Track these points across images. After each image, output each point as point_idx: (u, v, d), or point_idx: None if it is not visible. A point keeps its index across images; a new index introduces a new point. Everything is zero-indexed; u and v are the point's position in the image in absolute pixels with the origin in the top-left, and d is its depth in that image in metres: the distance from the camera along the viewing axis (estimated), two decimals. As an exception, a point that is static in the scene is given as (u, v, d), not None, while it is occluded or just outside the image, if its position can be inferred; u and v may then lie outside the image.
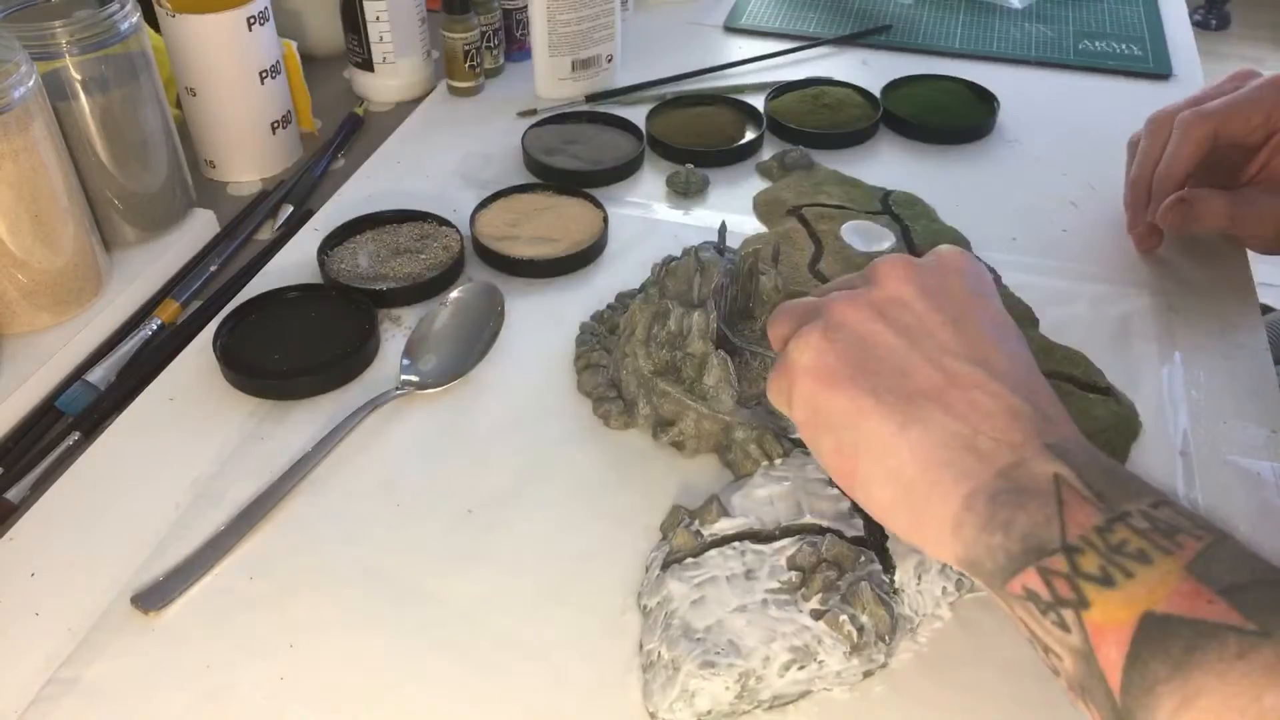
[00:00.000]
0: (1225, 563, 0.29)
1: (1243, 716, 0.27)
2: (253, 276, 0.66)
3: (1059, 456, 0.34)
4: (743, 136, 0.78)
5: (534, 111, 0.82)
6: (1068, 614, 0.30)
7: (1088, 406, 0.54)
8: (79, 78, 0.61)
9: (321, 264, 0.64)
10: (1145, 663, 0.29)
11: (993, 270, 0.62)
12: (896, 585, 0.44)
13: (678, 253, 0.57)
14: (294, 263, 0.66)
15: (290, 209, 0.73)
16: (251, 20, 0.71)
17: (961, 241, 0.67)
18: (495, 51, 0.87)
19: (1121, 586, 0.30)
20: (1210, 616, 0.28)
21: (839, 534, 0.45)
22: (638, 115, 0.79)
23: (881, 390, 0.37)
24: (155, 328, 0.63)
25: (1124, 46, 0.91)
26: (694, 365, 0.53)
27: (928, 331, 0.38)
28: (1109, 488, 0.32)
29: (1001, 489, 0.33)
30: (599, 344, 0.59)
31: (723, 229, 0.57)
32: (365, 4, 0.80)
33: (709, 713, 0.41)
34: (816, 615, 0.42)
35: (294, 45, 0.79)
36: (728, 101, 0.82)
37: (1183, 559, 0.29)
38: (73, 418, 0.58)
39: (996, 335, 0.39)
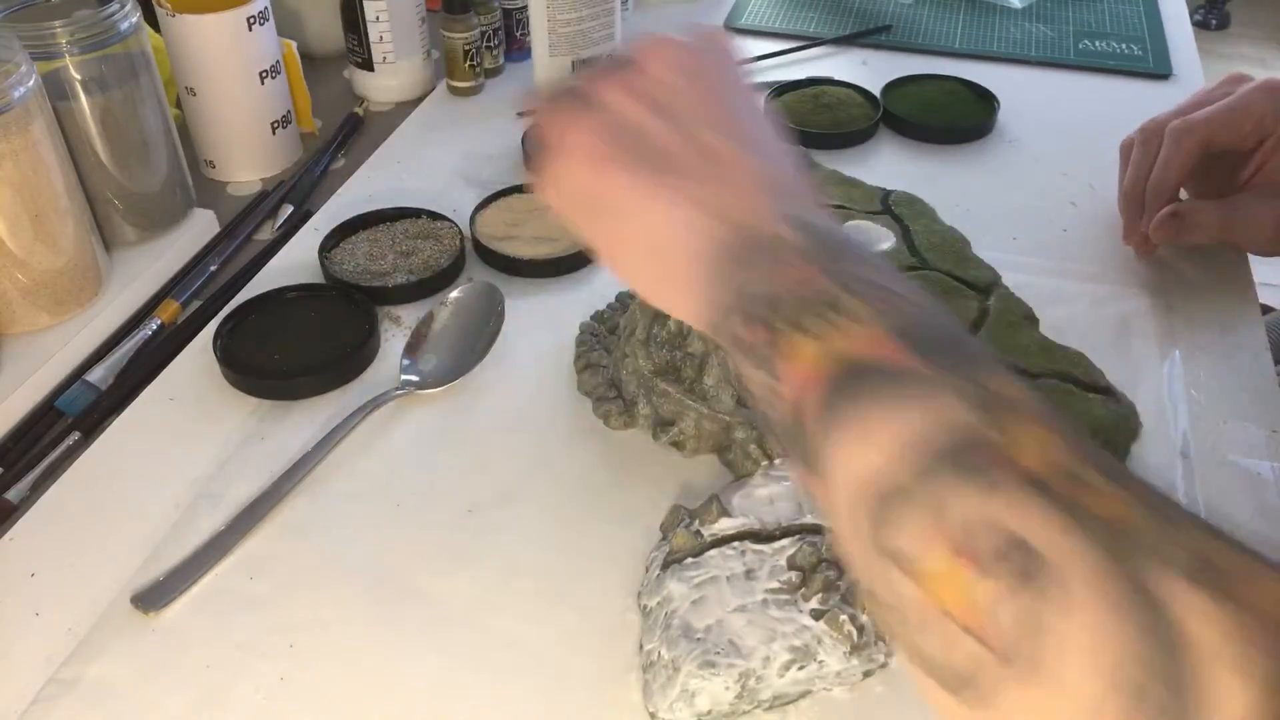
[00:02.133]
0: (923, 325, 0.32)
1: (894, 441, 0.29)
2: (253, 276, 0.66)
3: (795, 225, 0.35)
4: (743, 136, 0.78)
5: (534, 111, 0.82)
6: (775, 360, 0.32)
7: (1088, 406, 0.54)
8: (79, 78, 0.61)
9: (322, 262, 0.64)
10: (832, 401, 0.31)
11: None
12: (896, 585, 0.44)
13: (678, 253, 0.57)
14: (294, 263, 0.66)
15: (290, 209, 0.73)
16: (251, 20, 0.71)
17: (961, 242, 0.67)
18: (495, 51, 0.87)
19: (823, 337, 0.32)
20: (897, 362, 0.30)
21: (839, 534, 0.45)
22: (638, 115, 0.79)
23: (643, 168, 0.38)
24: (155, 328, 0.63)
25: (1124, 46, 0.91)
26: (694, 365, 0.53)
27: (685, 106, 0.40)
28: (833, 255, 0.34)
29: (733, 246, 0.36)
30: (599, 344, 0.59)
31: (723, 229, 0.57)
32: (365, 4, 0.80)
33: (709, 713, 0.41)
34: (816, 615, 0.42)
35: (294, 45, 0.79)
36: (728, 101, 0.82)
37: (889, 319, 0.31)
38: (73, 418, 0.58)
39: (747, 107, 0.41)
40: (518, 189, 0.71)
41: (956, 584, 0.26)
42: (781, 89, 0.83)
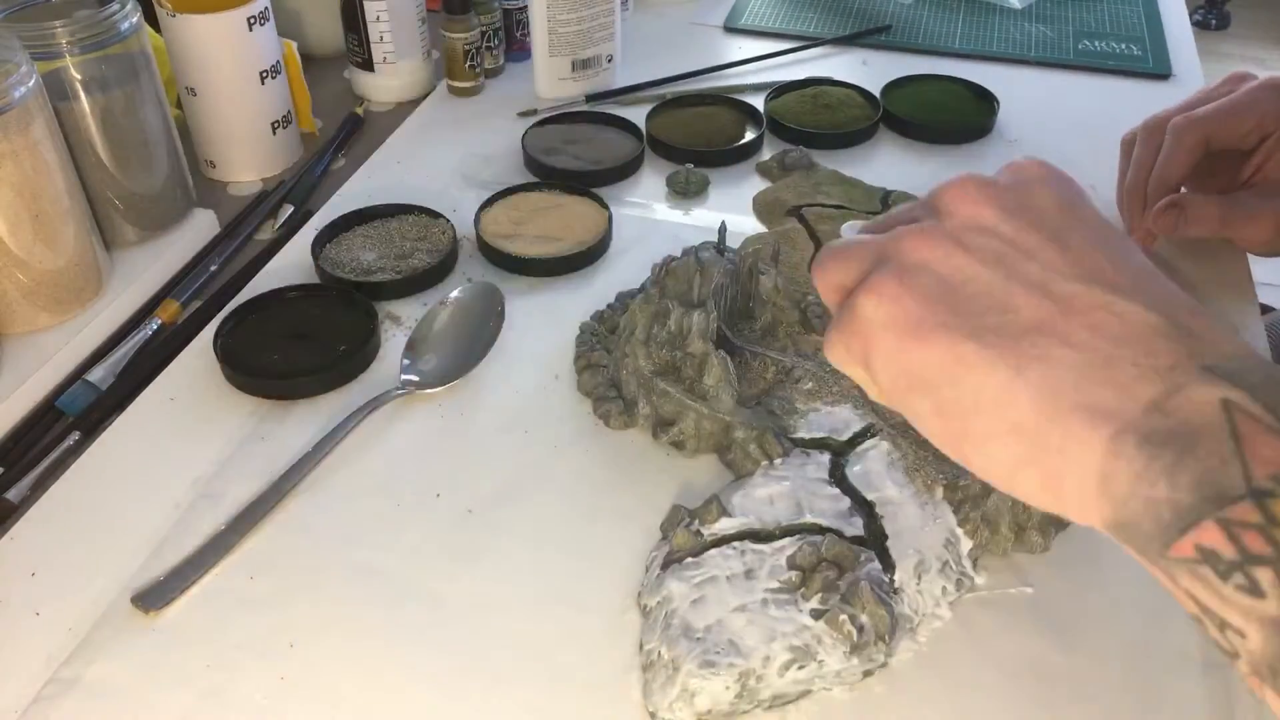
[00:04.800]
0: None
1: None
2: (253, 276, 0.66)
3: (1223, 377, 0.27)
4: (743, 136, 0.78)
5: (534, 111, 0.82)
6: (1262, 573, 0.25)
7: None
8: (79, 78, 0.61)
9: (314, 258, 0.64)
10: None
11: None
12: (896, 585, 0.44)
13: (678, 253, 0.57)
14: (294, 262, 0.66)
15: (290, 209, 0.73)
16: (251, 20, 0.71)
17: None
18: (495, 51, 0.87)
19: None
20: None
21: (839, 534, 0.45)
22: (638, 115, 0.79)
23: (984, 332, 0.31)
24: (155, 328, 0.63)
25: (1124, 46, 0.91)
26: (694, 365, 0.53)
27: (1025, 254, 0.32)
28: None
29: (1157, 427, 0.27)
30: (599, 344, 0.59)
31: (723, 229, 0.57)
32: (365, 4, 0.81)
33: (709, 712, 0.41)
34: (816, 615, 0.42)
35: (294, 45, 0.79)
36: (728, 101, 0.82)
37: None
38: (73, 418, 0.58)
39: (1107, 245, 0.33)
40: (524, 187, 0.71)
41: None
42: (781, 89, 0.83)
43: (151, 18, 0.70)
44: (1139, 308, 0.30)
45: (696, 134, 0.78)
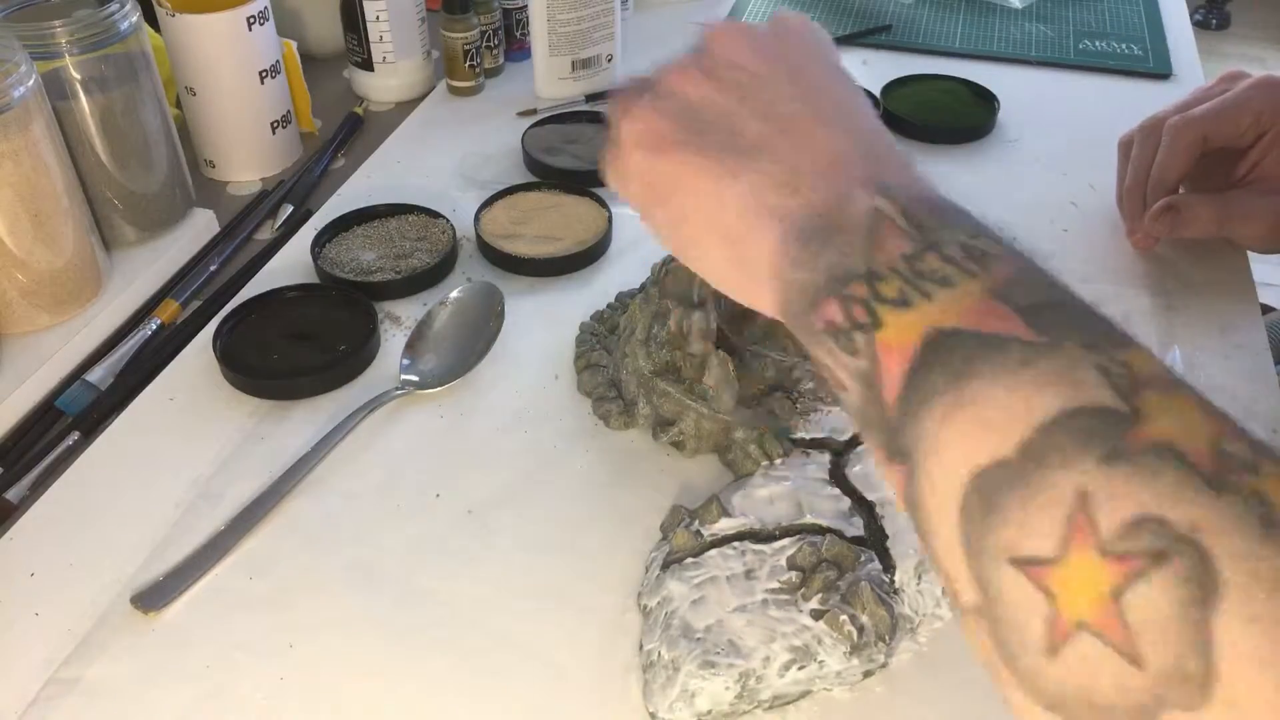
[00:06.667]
0: (1031, 287, 0.28)
1: (1006, 417, 0.25)
2: (252, 276, 0.66)
3: (883, 193, 0.31)
4: (743, 136, 0.78)
5: (534, 111, 0.82)
6: (859, 337, 0.29)
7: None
8: (79, 77, 0.61)
9: (313, 257, 0.64)
10: (924, 376, 0.27)
11: None
12: (896, 585, 0.44)
13: (678, 253, 0.57)
14: (294, 262, 0.66)
15: (290, 209, 0.73)
16: (251, 20, 0.71)
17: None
18: (495, 51, 0.87)
19: (917, 307, 0.28)
20: (999, 330, 0.26)
21: (839, 534, 0.45)
22: (638, 115, 0.79)
23: (710, 147, 0.35)
24: (155, 328, 0.63)
25: (1124, 46, 0.91)
26: (694, 365, 0.53)
27: (762, 84, 0.36)
28: (930, 221, 0.30)
29: (816, 225, 0.31)
30: (599, 344, 0.59)
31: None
32: (365, 4, 0.80)
33: (709, 713, 0.41)
34: (816, 615, 0.42)
35: (294, 45, 0.79)
36: (728, 101, 0.82)
37: (987, 283, 0.28)
38: (73, 418, 0.58)
39: (835, 84, 0.37)
40: (524, 187, 0.71)
41: (1086, 578, 0.22)
42: (781, 89, 0.83)
43: (151, 18, 0.70)
44: (842, 135, 0.34)
45: (696, 134, 0.78)
